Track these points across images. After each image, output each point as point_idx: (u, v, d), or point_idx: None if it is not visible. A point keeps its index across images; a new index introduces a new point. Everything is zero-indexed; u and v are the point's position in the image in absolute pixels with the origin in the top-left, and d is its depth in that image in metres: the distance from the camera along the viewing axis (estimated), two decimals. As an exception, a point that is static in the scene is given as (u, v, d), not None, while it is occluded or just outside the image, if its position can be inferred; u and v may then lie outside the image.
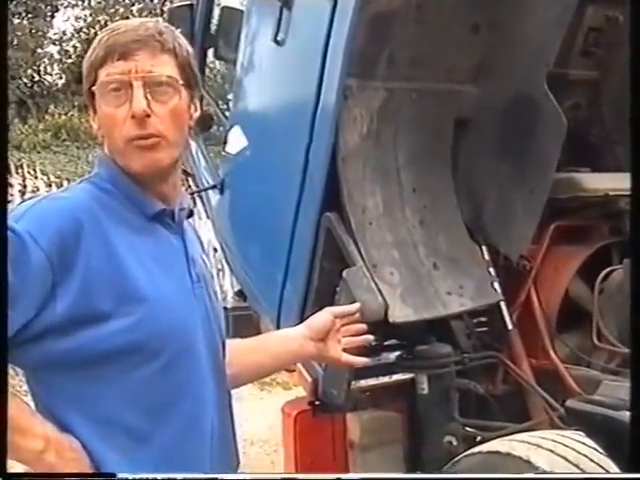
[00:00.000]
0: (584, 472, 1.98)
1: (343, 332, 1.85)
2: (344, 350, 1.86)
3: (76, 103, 15.43)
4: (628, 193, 3.16)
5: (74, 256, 1.39)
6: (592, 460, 1.97)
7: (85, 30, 17.22)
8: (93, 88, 1.50)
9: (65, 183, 11.25)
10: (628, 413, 1.74)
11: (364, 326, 1.89)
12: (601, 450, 1.89)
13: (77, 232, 1.40)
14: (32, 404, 1.47)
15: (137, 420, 1.46)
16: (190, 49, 1.58)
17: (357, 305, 1.92)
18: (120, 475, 1.39)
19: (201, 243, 1.75)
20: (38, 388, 1.46)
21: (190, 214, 1.66)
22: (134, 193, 1.52)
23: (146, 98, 1.46)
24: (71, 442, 1.40)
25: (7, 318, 1.32)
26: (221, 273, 8.60)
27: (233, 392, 1.73)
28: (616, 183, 3.24)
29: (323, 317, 1.84)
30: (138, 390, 1.45)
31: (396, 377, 3.22)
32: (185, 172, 3.79)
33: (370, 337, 1.91)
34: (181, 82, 1.51)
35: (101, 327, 1.40)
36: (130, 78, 1.46)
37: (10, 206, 1.43)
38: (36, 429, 1.38)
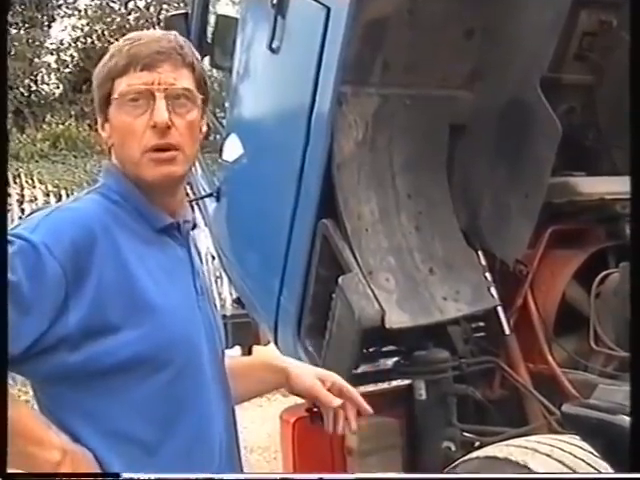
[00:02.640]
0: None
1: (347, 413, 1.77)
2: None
3: (73, 112, 15.43)
4: (623, 197, 3.20)
5: (87, 268, 1.39)
6: (589, 464, 1.97)
7: (82, 39, 17.22)
8: (111, 97, 1.50)
9: (63, 192, 11.24)
10: (624, 417, 1.74)
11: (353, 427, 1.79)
12: (597, 454, 1.88)
13: (90, 243, 1.41)
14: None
15: (146, 431, 1.46)
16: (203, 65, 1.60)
17: (339, 402, 1.76)
18: (124, 475, 1.40)
19: (199, 253, 1.76)
20: (47, 400, 1.46)
21: (194, 226, 1.67)
22: (143, 205, 1.53)
23: (168, 110, 1.47)
24: (84, 453, 1.41)
25: (7, 319, 1.32)
26: (219, 281, 8.63)
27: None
28: (611, 187, 3.25)
29: (306, 389, 1.76)
30: (147, 401, 1.46)
31: (394, 383, 3.22)
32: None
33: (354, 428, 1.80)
34: (199, 96, 1.53)
35: (111, 339, 1.41)
36: (153, 89, 1.47)
37: (9, 215, 1.43)
38: (53, 440, 1.38)
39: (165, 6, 16.61)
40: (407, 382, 3.13)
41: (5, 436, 1.32)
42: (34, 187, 11.69)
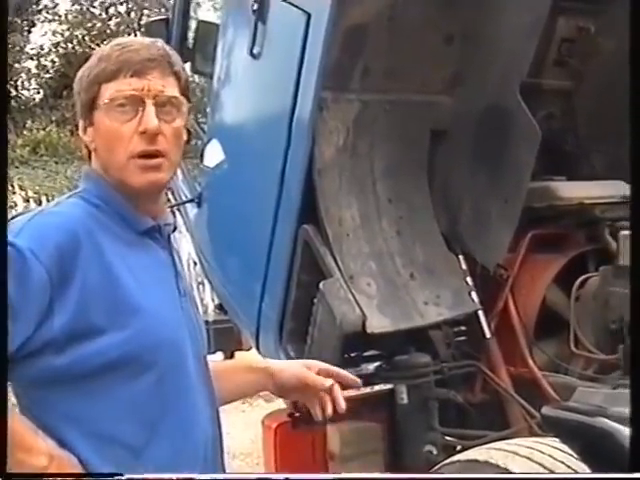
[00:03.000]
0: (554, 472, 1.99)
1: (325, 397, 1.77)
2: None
3: (54, 118, 15.38)
4: (603, 201, 3.22)
5: (71, 271, 1.40)
6: (568, 466, 1.98)
7: (63, 45, 17.17)
8: (98, 102, 1.50)
9: (43, 198, 11.19)
10: (603, 419, 1.76)
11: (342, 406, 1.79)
12: (577, 456, 1.90)
13: (75, 247, 1.41)
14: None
15: (132, 433, 1.47)
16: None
17: (330, 382, 1.77)
18: (127, 475, 1.41)
19: (180, 257, 1.77)
20: (31, 405, 1.47)
21: (174, 229, 1.69)
22: (124, 209, 1.54)
23: (157, 116, 1.49)
24: (70, 458, 1.41)
25: (7, 321, 1.33)
26: (201, 286, 8.60)
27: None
28: (591, 191, 3.28)
29: (295, 376, 1.78)
30: (132, 403, 1.47)
31: (376, 388, 3.22)
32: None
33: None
34: (184, 104, 1.56)
35: (97, 341, 1.42)
36: (142, 95, 1.48)
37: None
38: (41, 446, 1.39)
39: (146, 12, 16.60)
40: (389, 386, 3.13)
41: (5, 436, 1.33)
42: (14, 193, 11.63)
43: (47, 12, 17.37)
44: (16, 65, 16.67)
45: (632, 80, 1.58)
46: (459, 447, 2.91)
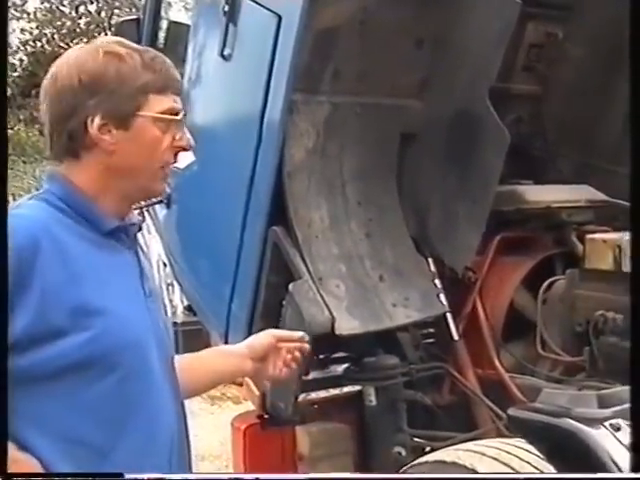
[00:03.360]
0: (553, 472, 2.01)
1: (285, 354, 1.85)
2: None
3: (22, 117, 15.23)
4: (569, 205, 3.26)
5: (31, 275, 1.39)
6: (534, 467, 2.01)
7: (31, 43, 17.01)
8: (143, 110, 1.53)
9: (11, 198, 11.05)
10: (568, 420, 1.79)
11: (307, 347, 1.90)
12: (543, 456, 1.92)
13: (34, 250, 1.40)
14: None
15: (96, 435, 1.47)
16: None
17: (301, 333, 1.93)
18: (127, 475, 1.42)
19: (149, 258, 1.77)
20: None
21: (140, 228, 1.69)
22: (88, 210, 1.53)
23: None
24: (30, 461, 1.40)
25: (7, 319, 1.34)
26: (171, 288, 8.56)
27: (183, 406, 1.74)
28: (558, 195, 3.32)
29: (264, 339, 1.87)
30: (96, 405, 1.46)
31: (344, 389, 3.23)
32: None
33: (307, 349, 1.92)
34: None
35: (58, 343, 1.41)
36: (181, 114, 1.59)
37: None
38: None
39: (117, 11, 16.49)
40: (357, 388, 3.15)
41: (5, 436, 1.34)
42: (-19, 193, 11.49)
43: (15, 9, 17.19)
44: (-17, 63, 16.50)
45: (632, 79, 1.60)
46: (428, 448, 2.93)
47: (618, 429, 1.76)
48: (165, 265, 4.11)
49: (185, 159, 1.69)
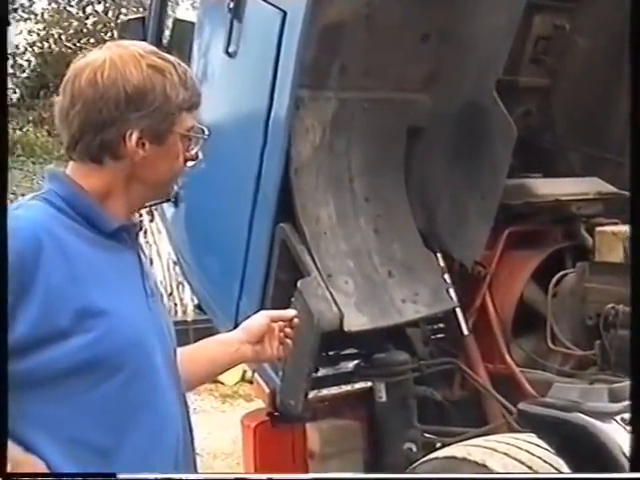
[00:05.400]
0: (560, 472, 2.00)
1: (278, 333, 1.85)
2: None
3: (31, 118, 15.26)
4: (579, 198, 3.24)
5: (33, 277, 1.38)
6: (545, 461, 1.99)
7: (39, 44, 17.01)
8: (175, 127, 1.54)
9: (21, 199, 11.09)
10: (579, 414, 1.77)
11: (297, 323, 1.90)
12: (553, 451, 1.91)
13: (36, 251, 1.39)
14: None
15: (101, 437, 1.46)
16: None
17: (293, 311, 1.95)
18: (120, 475, 1.41)
19: (150, 258, 1.77)
20: None
21: (141, 228, 1.69)
22: (91, 210, 1.52)
23: None
24: (37, 463, 1.39)
25: (7, 319, 1.33)
26: (181, 286, 8.58)
27: (194, 405, 1.73)
28: (567, 188, 3.30)
29: (259, 320, 1.86)
30: (101, 406, 1.45)
31: (354, 386, 3.23)
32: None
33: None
34: None
35: (62, 344, 1.40)
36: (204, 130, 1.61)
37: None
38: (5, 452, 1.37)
39: (123, 10, 16.49)
40: (367, 385, 3.14)
41: (5, 436, 1.33)
42: (-9, 194, 11.53)
43: (23, 11, 17.20)
44: (-8, 64, 16.54)
45: (632, 80, 1.59)
46: (438, 444, 2.91)
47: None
48: (175, 264, 4.11)
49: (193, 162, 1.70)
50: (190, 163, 1.61)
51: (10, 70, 17.01)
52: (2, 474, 1.34)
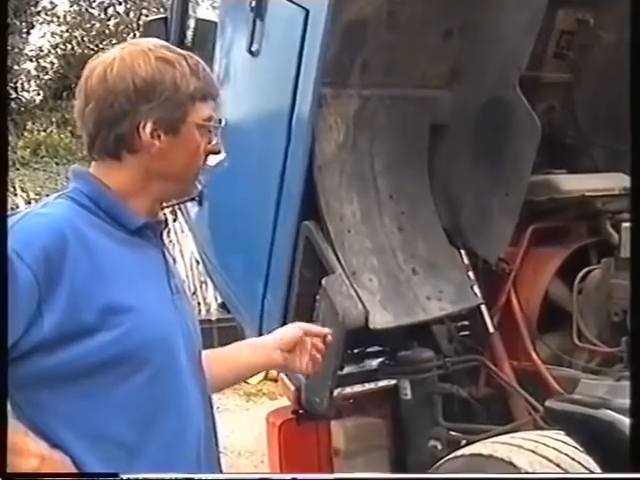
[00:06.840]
0: (567, 471, 1.99)
1: (311, 348, 1.86)
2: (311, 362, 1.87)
3: (54, 119, 15.36)
4: (604, 193, 3.22)
5: (59, 272, 1.39)
6: (573, 459, 1.99)
7: (62, 46, 17.12)
8: (189, 117, 1.53)
9: (45, 199, 11.17)
10: (607, 411, 1.76)
11: (330, 340, 1.91)
12: (581, 448, 1.90)
13: (62, 248, 1.40)
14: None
15: (126, 433, 1.47)
16: None
17: (327, 330, 1.94)
18: (123, 475, 1.41)
19: (174, 258, 1.78)
20: (25, 405, 1.45)
21: (166, 226, 1.69)
22: (115, 207, 1.53)
23: None
24: (63, 459, 1.41)
25: (8, 320, 1.33)
26: (204, 285, 8.61)
27: (218, 404, 1.74)
28: (591, 184, 3.27)
29: (293, 331, 1.87)
30: (126, 402, 1.46)
31: (379, 384, 3.22)
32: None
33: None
34: None
35: (88, 340, 1.41)
36: (221, 119, 1.60)
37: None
38: (31, 448, 1.38)
39: (145, 11, 16.57)
40: (392, 382, 3.13)
41: (5, 436, 1.33)
42: (15, 195, 11.62)
43: (46, 14, 17.33)
44: (15, 67, 16.65)
45: (632, 78, 1.57)
46: (464, 442, 2.90)
47: (658, 419, 1.73)
48: (198, 263, 4.12)
49: (216, 157, 1.69)
50: (212, 157, 1.60)
51: (34, 72, 17.15)
52: (2, 474, 1.34)
